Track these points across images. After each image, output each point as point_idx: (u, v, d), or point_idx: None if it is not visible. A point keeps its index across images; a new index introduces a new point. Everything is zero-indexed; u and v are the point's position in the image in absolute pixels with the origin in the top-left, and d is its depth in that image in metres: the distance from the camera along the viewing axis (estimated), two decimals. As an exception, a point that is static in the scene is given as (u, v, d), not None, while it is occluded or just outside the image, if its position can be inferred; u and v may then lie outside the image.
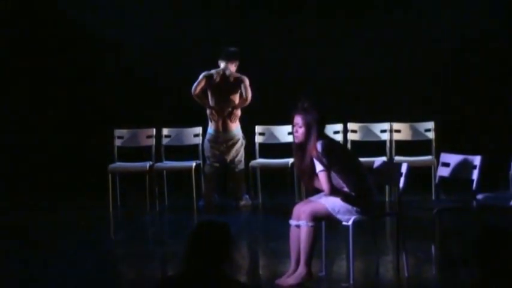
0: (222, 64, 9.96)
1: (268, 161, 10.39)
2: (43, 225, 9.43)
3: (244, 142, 10.11)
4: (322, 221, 6.74)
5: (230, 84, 9.95)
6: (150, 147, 10.44)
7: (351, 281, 6.58)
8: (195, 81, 9.94)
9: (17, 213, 10.21)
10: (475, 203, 6.99)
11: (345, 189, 6.56)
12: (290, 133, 7.11)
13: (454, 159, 7.33)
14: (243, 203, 10.11)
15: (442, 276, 6.99)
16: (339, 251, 7.49)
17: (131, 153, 10.50)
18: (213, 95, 9.99)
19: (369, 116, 10.57)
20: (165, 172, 10.41)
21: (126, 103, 11.52)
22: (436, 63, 11.30)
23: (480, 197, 7.23)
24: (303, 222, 6.50)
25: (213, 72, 9.98)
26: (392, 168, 7.24)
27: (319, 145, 6.47)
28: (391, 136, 10.42)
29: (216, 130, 10.00)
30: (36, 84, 11.69)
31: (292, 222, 6.62)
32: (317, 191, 6.71)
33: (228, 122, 9.96)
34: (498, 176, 8.19)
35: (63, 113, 11.64)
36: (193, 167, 10.04)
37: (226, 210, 9.96)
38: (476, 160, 7.08)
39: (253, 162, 10.28)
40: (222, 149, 10.00)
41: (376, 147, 10.31)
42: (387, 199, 9.89)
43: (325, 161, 6.46)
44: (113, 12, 11.65)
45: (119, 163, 10.36)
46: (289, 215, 6.68)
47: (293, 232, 6.61)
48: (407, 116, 10.55)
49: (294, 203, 7.19)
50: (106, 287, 7.05)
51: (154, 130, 10.51)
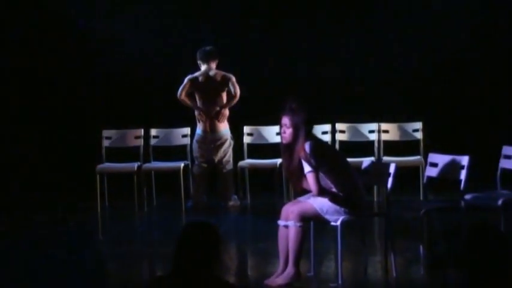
0: (203, 66, 9.96)
1: (256, 161, 10.39)
2: (31, 225, 9.40)
3: (232, 142, 10.11)
4: (311, 221, 6.75)
5: (217, 84, 9.95)
6: (138, 148, 10.43)
7: (340, 281, 6.58)
8: (184, 81, 9.95)
9: (4, 213, 10.18)
10: (463, 203, 7.00)
11: (333, 190, 6.57)
12: (278, 133, 7.11)
13: (442, 160, 7.34)
14: (231, 203, 10.11)
15: (429, 277, 7.00)
16: (328, 251, 7.50)
17: (119, 153, 10.48)
18: (200, 97, 9.98)
19: (357, 116, 10.58)
20: (153, 173, 10.40)
21: (114, 104, 11.50)
22: (424, 64, 11.33)
23: (468, 197, 7.25)
24: (291, 223, 6.50)
25: (197, 75, 9.97)
26: (380, 168, 7.24)
27: (307, 146, 6.47)
28: (379, 136, 10.44)
29: (204, 130, 10.00)
30: (25, 84, 11.65)
31: (281, 222, 6.61)
32: (305, 191, 6.71)
33: (216, 122, 9.96)
34: (486, 176, 8.20)
35: (51, 113, 11.60)
36: (182, 168, 10.03)
37: (215, 211, 9.94)
38: (464, 160, 7.09)
39: (242, 163, 10.28)
40: (209, 150, 10.00)
41: (364, 148, 10.33)
42: (375, 199, 9.92)
43: (313, 161, 6.46)
44: (103, 13, 11.63)
45: (107, 164, 10.35)
46: (277, 215, 6.68)
47: (281, 232, 6.61)
48: (395, 116, 10.56)
49: (282, 204, 7.19)
50: (94, 287, 7.04)
51: (143, 131, 10.50)
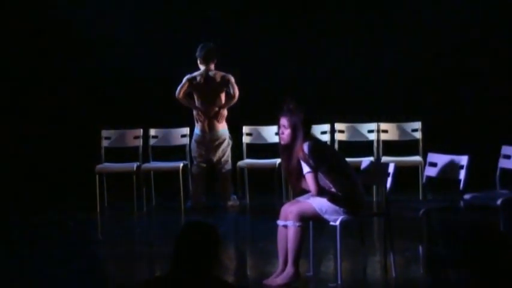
0: (202, 66, 9.96)
1: (255, 161, 10.38)
2: (30, 226, 9.40)
3: (230, 142, 10.11)
4: (310, 221, 6.75)
5: (216, 84, 9.95)
6: (137, 148, 10.43)
7: (339, 281, 6.58)
8: (182, 81, 9.95)
9: (3, 214, 10.17)
10: (462, 203, 7.00)
11: (332, 190, 6.56)
12: (277, 133, 7.10)
13: (441, 159, 7.34)
14: (230, 203, 10.11)
15: (429, 277, 6.99)
16: (327, 251, 7.50)
17: (118, 153, 10.48)
18: (199, 97, 9.98)
19: (356, 116, 10.57)
20: (152, 173, 10.40)
21: (113, 104, 11.49)
22: (422, 64, 11.31)
23: (467, 196, 7.25)
24: (290, 223, 6.50)
25: (196, 74, 9.97)
26: (379, 168, 7.24)
27: (305, 146, 6.46)
28: (379, 136, 10.43)
29: (203, 130, 10.00)
30: (22, 84, 11.63)
31: (280, 222, 6.61)
32: (304, 192, 6.71)
33: (215, 122, 9.96)
34: (485, 176, 8.20)
35: (50, 113, 11.59)
36: (181, 168, 10.03)
37: (214, 211, 9.94)
38: (464, 160, 7.09)
39: (241, 163, 10.28)
40: (208, 149, 10.00)
41: (364, 148, 10.32)
42: (374, 199, 9.92)
43: (312, 162, 6.45)
44: (101, 11, 11.61)
45: (106, 164, 10.34)
46: (276, 215, 6.68)
47: (281, 232, 6.61)
48: (394, 116, 10.56)
49: (281, 203, 7.20)
50: (93, 287, 7.04)
51: (142, 131, 10.50)
